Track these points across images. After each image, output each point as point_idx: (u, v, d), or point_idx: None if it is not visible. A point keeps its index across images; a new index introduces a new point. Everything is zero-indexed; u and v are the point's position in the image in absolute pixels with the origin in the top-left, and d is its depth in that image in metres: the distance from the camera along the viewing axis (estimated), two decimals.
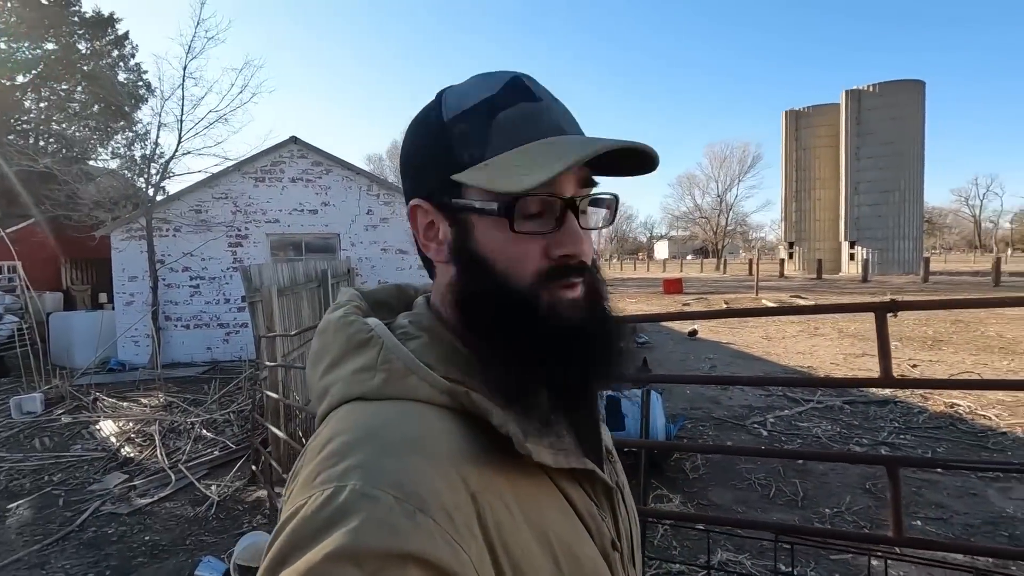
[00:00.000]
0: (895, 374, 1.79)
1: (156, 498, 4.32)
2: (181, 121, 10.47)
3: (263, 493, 4.28)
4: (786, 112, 40.35)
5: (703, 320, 13.91)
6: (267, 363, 4.39)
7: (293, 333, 4.00)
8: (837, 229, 37.30)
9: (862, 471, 4.30)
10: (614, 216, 0.57)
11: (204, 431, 5.73)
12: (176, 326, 10.26)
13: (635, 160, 0.51)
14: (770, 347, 10.07)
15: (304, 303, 6.50)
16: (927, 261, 27.00)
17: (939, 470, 4.26)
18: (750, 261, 36.90)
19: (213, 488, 4.42)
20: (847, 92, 35.58)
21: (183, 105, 10.46)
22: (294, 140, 10.44)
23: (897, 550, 1.71)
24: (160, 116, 10.64)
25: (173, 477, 4.58)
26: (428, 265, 0.58)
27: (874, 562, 2.20)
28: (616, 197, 0.56)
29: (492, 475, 0.45)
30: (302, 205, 10.52)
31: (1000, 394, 6.22)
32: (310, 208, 10.55)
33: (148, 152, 11.52)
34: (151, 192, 10.53)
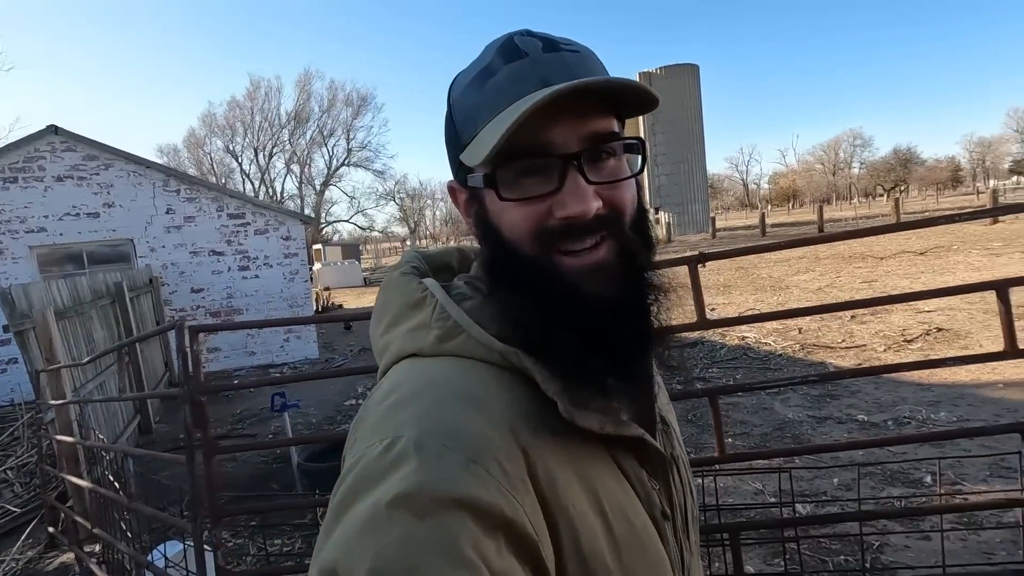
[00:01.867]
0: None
1: None
2: None
3: (69, 556, 3.56)
4: None
5: None
6: (52, 402, 3.61)
7: (85, 361, 3.32)
8: (645, 197, 42.08)
9: (684, 404, 4.96)
10: (644, 163, 0.54)
11: None
12: None
13: (633, 96, 0.48)
14: None
15: (95, 324, 5.48)
16: (713, 220, 32.30)
17: (740, 393, 5.11)
18: None
19: None
20: (640, 74, 39.82)
21: None
22: (54, 130, 8.57)
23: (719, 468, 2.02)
24: None
25: None
26: None
27: (704, 480, 2.57)
28: (639, 140, 0.52)
29: (544, 434, 0.46)
30: (77, 208, 8.75)
31: (774, 324, 7.64)
32: (88, 211, 8.82)
33: None
34: None
